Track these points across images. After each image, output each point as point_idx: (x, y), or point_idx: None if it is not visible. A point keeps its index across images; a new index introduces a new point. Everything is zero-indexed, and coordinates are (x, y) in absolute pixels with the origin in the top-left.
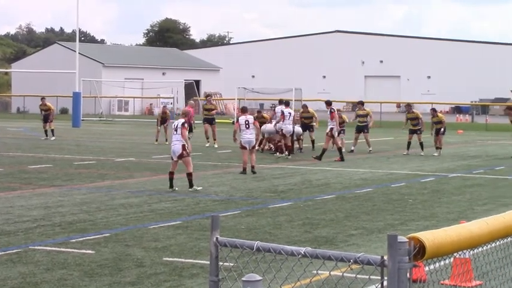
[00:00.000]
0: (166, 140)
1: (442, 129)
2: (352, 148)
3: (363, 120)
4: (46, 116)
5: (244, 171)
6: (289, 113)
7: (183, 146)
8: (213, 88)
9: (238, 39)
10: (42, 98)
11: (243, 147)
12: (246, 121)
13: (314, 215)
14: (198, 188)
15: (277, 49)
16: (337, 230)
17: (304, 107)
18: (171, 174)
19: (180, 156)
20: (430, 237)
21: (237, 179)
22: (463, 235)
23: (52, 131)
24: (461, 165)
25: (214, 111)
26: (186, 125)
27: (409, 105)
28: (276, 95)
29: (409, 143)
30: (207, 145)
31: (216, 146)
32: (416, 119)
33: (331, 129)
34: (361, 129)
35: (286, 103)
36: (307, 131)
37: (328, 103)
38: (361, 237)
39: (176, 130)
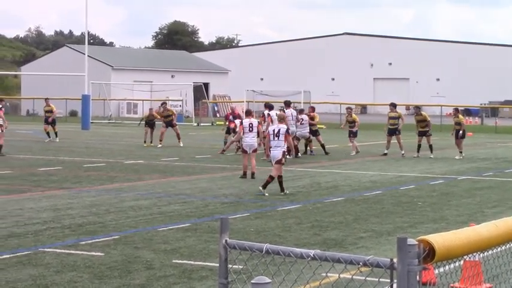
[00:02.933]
0: (151, 142)
1: (461, 132)
2: (386, 151)
3: (394, 123)
4: (48, 118)
5: (244, 176)
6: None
7: (283, 152)
8: (222, 91)
9: (246, 42)
10: (46, 99)
11: (244, 151)
12: (250, 124)
13: (323, 217)
14: (266, 194)
15: (286, 51)
16: (346, 232)
17: (312, 109)
18: (279, 177)
19: (278, 162)
20: (439, 239)
21: (246, 181)
22: (472, 238)
23: (56, 133)
24: (470, 168)
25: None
26: (289, 131)
27: (417, 108)
28: (284, 97)
29: (419, 146)
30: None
31: (181, 144)
32: (424, 121)
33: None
34: (393, 132)
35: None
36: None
37: (270, 107)
38: (370, 240)
39: (278, 136)
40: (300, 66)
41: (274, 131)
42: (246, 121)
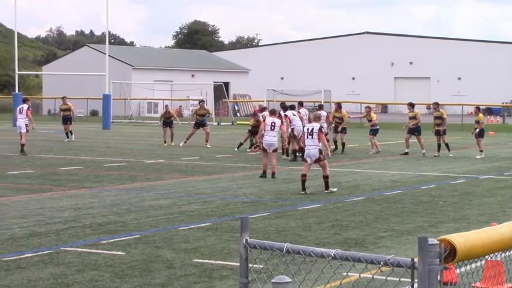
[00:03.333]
0: (172, 140)
1: (477, 131)
2: (406, 150)
3: (412, 122)
4: (66, 117)
5: (264, 175)
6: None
7: (320, 150)
8: (242, 90)
9: (267, 41)
10: (64, 98)
11: (264, 150)
12: (272, 123)
13: (343, 216)
14: (334, 190)
15: (306, 51)
16: (366, 232)
17: (338, 106)
18: (304, 177)
19: (318, 160)
20: (461, 239)
21: (266, 180)
22: (494, 237)
23: (70, 131)
24: (492, 167)
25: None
26: (323, 129)
27: (436, 103)
28: (305, 96)
29: (438, 145)
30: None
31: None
32: (440, 118)
33: (292, 129)
34: (411, 131)
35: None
36: (339, 133)
37: (285, 108)
38: (391, 239)
39: (312, 135)
40: (320, 66)
41: (308, 129)
42: (269, 120)
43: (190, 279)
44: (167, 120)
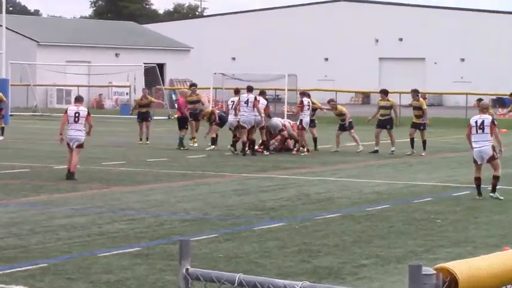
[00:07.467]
0: (147, 138)
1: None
2: (376, 148)
3: (386, 113)
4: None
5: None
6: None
7: (493, 146)
8: (182, 74)
9: (214, 11)
10: None
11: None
12: (76, 113)
13: (313, 239)
14: (501, 198)
15: (264, 24)
16: (343, 259)
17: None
18: (478, 180)
19: (491, 159)
20: (464, 268)
21: (213, 192)
22: (506, 266)
23: (2, 128)
24: (504, 175)
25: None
26: (495, 122)
27: (415, 91)
28: (264, 82)
29: (411, 140)
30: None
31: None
32: (420, 109)
33: (301, 121)
34: (383, 124)
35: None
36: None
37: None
38: (374, 269)
39: (482, 129)
40: (284, 43)
41: (477, 122)
42: (72, 109)
43: None
44: (143, 111)
